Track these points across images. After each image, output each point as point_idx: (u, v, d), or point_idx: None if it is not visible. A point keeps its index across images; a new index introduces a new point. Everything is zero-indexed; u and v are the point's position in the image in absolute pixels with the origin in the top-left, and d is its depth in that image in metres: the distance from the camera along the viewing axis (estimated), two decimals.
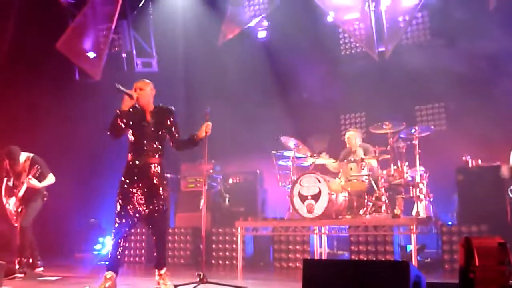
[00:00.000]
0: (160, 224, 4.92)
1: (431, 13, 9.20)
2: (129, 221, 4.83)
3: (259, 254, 7.96)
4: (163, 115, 5.02)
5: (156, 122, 4.97)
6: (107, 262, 4.84)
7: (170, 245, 8.23)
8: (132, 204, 4.81)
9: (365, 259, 6.77)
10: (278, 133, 7.71)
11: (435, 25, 9.20)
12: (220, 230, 8.06)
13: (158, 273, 4.96)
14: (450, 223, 7.55)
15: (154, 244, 4.98)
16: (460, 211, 7.40)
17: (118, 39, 10.05)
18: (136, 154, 4.90)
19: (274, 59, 9.78)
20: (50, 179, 6.71)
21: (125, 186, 4.83)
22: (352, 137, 7.73)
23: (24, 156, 6.69)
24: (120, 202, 4.81)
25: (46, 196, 6.77)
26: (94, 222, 9.61)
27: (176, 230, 8.41)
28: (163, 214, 4.92)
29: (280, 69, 9.75)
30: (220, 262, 7.94)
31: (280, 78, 9.75)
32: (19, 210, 6.60)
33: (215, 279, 5.24)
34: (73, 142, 9.50)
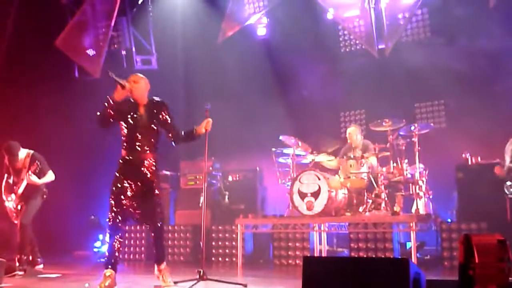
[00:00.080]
0: (156, 220, 4.85)
1: (431, 10, 9.18)
2: (124, 217, 4.78)
3: (259, 251, 7.96)
4: (156, 108, 4.95)
5: (149, 115, 4.91)
6: (105, 260, 4.81)
7: (170, 242, 8.25)
8: (126, 200, 4.76)
9: (365, 256, 6.76)
10: (277, 130, 7.71)
11: (435, 23, 9.18)
12: (220, 227, 8.07)
13: (158, 268, 4.95)
14: (449, 220, 7.57)
15: (152, 241, 4.97)
16: (459, 208, 7.41)
17: (117, 36, 10.01)
18: (129, 149, 4.85)
19: (273, 56, 9.77)
20: (50, 176, 6.70)
21: (119, 182, 4.78)
22: (354, 132, 7.71)
23: (24, 152, 6.67)
24: (114, 198, 4.75)
25: (45, 193, 6.77)
26: (93, 220, 9.62)
27: (176, 228, 8.41)
28: (158, 210, 4.86)
29: (280, 67, 9.74)
30: (220, 259, 7.94)
31: (279, 75, 9.75)
32: (19, 207, 6.60)
33: (215, 276, 5.26)
34: (73, 140, 9.49)
